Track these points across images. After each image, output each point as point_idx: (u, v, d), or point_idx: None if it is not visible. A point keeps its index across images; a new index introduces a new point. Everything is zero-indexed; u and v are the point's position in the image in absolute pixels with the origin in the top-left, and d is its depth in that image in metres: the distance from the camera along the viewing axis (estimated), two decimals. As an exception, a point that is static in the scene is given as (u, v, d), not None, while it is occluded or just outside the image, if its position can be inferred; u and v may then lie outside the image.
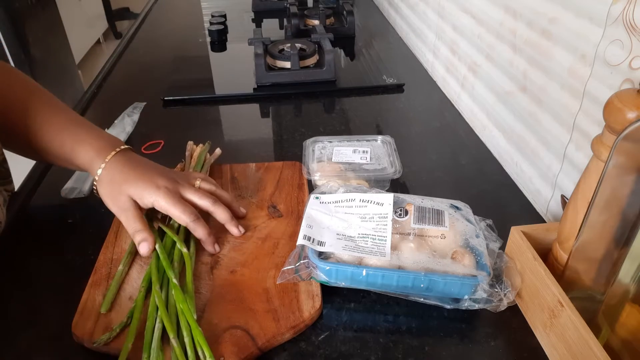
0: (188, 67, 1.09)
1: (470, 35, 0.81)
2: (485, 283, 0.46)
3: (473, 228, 0.51)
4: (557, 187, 0.60)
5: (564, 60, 0.56)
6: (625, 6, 0.46)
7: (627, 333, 0.41)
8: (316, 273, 0.49)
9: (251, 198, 0.64)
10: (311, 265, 0.49)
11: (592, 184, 0.41)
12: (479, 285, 0.46)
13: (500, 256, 0.50)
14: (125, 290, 0.51)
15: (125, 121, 0.82)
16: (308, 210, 0.54)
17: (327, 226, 0.52)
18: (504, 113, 0.72)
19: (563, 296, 0.42)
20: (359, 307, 0.51)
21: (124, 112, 0.85)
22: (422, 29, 1.06)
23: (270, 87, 0.96)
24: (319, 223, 0.52)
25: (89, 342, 0.46)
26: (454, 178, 0.71)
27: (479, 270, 0.47)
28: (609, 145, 0.39)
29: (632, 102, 0.37)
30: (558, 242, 0.48)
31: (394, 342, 0.47)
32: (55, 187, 0.68)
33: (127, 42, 1.23)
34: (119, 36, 3.62)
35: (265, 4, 1.44)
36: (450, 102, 0.91)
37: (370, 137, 0.70)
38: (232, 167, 0.70)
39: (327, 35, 1.04)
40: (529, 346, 0.47)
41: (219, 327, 0.47)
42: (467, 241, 0.50)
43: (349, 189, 0.57)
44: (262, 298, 0.50)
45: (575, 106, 0.55)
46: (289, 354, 0.46)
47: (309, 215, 0.53)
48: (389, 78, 0.98)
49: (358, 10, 1.43)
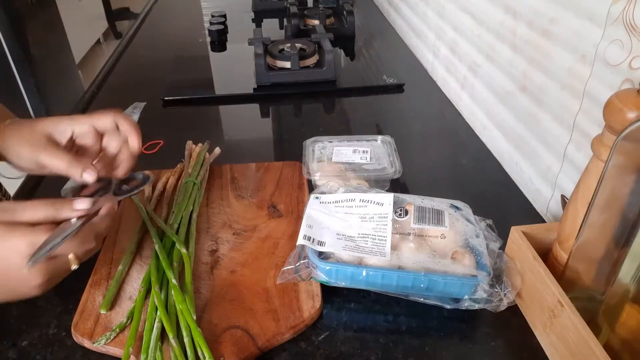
0: (188, 67, 1.09)
1: (470, 35, 0.81)
2: (485, 283, 0.46)
3: (473, 228, 0.51)
4: (557, 187, 0.60)
5: (564, 60, 0.56)
6: (625, 6, 0.46)
7: (627, 333, 0.41)
8: (316, 273, 0.49)
9: (251, 198, 0.64)
10: (311, 265, 0.49)
11: (592, 184, 0.41)
12: (479, 286, 0.46)
13: (500, 256, 0.50)
14: (125, 290, 0.51)
15: None
16: (308, 210, 0.54)
17: (327, 226, 0.52)
18: (504, 113, 0.72)
19: (563, 296, 0.42)
20: (359, 307, 0.51)
21: (124, 112, 0.85)
22: (422, 29, 1.06)
23: (270, 87, 0.96)
24: (319, 223, 0.52)
25: (89, 342, 0.46)
26: (454, 178, 0.71)
27: (479, 270, 0.47)
28: (609, 145, 0.39)
29: (632, 102, 0.37)
30: (558, 242, 0.48)
31: (394, 342, 0.47)
32: (55, 188, 0.68)
33: (127, 42, 1.23)
34: (119, 36, 3.62)
35: (265, 4, 1.44)
36: (450, 102, 0.91)
37: (370, 137, 0.70)
38: (232, 167, 0.70)
39: (327, 35, 1.04)
40: (529, 346, 0.47)
41: (219, 327, 0.47)
42: (467, 241, 0.50)
43: (349, 189, 0.57)
44: (262, 298, 0.50)
45: (575, 106, 0.55)
46: (289, 354, 0.46)
47: (309, 215, 0.53)
48: (389, 78, 0.98)
49: (358, 10, 1.43)
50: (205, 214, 0.62)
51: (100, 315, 0.48)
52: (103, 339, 0.45)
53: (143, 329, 0.46)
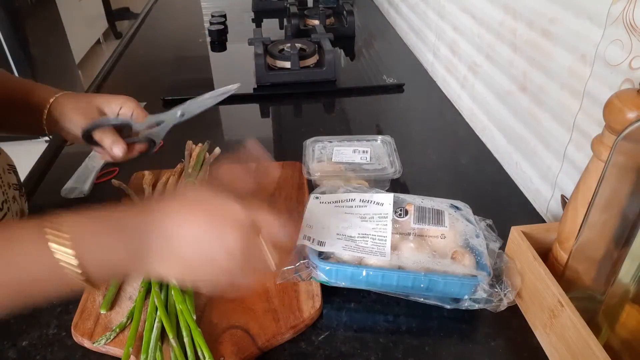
0: (188, 67, 1.09)
1: (470, 35, 0.81)
2: (485, 283, 0.46)
3: (473, 228, 0.51)
4: (557, 187, 0.60)
5: (564, 60, 0.56)
6: (625, 6, 0.46)
7: (627, 333, 0.41)
8: (316, 273, 0.49)
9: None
10: (311, 265, 0.49)
11: (592, 184, 0.41)
12: (479, 286, 0.46)
13: (500, 256, 0.50)
14: (125, 290, 0.51)
15: None
16: (308, 210, 0.54)
17: (327, 226, 0.52)
18: (504, 113, 0.72)
19: (563, 296, 0.42)
20: (359, 307, 0.51)
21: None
22: (422, 29, 1.06)
23: (270, 87, 0.96)
24: (319, 223, 0.52)
25: (89, 342, 0.46)
26: (454, 178, 0.71)
27: (479, 270, 0.47)
28: (609, 145, 0.39)
29: (632, 102, 0.37)
30: (558, 242, 0.48)
31: (394, 342, 0.47)
32: (55, 187, 0.68)
33: (127, 42, 1.23)
34: (119, 36, 3.62)
35: (265, 4, 1.44)
36: (450, 102, 0.91)
37: (370, 137, 0.70)
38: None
39: (327, 35, 1.04)
40: (529, 346, 0.47)
41: (219, 327, 0.47)
42: (467, 241, 0.50)
43: (348, 189, 0.57)
44: (262, 298, 0.50)
45: (575, 106, 0.55)
46: (289, 354, 0.46)
47: (309, 215, 0.53)
48: (389, 78, 0.98)
49: (358, 10, 1.43)
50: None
51: (100, 315, 0.48)
52: (103, 339, 0.45)
53: (143, 329, 0.46)
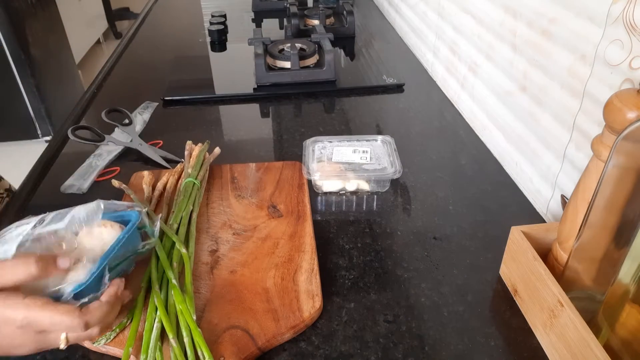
0: (188, 67, 1.09)
1: (470, 35, 0.81)
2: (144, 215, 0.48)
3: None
4: (557, 187, 0.60)
5: (564, 60, 0.56)
6: (625, 6, 0.46)
7: (627, 333, 0.40)
8: None
9: (251, 198, 0.64)
10: None
11: (592, 184, 0.41)
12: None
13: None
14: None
15: (137, 119, 0.83)
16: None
17: None
18: (504, 113, 0.72)
19: (563, 296, 0.42)
20: (359, 307, 0.51)
21: (136, 111, 0.86)
22: (422, 29, 1.06)
23: (270, 87, 0.96)
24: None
25: (89, 342, 0.46)
26: (454, 178, 0.71)
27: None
28: (609, 145, 0.39)
29: (632, 102, 0.37)
30: (558, 242, 0.48)
31: (394, 342, 0.47)
32: (55, 187, 0.68)
33: (127, 42, 1.23)
34: (119, 36, 3.63)
35: (265, 4, 1.44)
36: (450, 102, 0.91)
37: (370, 137, 0.70)
38: (232, 167, 0.70)
39: (327, 35, 1.04)
40: (529, 346, 0.47)
41: (219, 327, 0.47)
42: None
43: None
44: (262, 298, 0.50)
45: (575, 106, 0.55)
46: (289, 354, 0.46)
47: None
48: (389, 78, 0.98)
49: (358, 10, 1.43)
50: (205, 214, 0.62)
51: (100, 315, 0.48)
52: (103, 339, 0.45)
53: (143, 329, 0.46)
